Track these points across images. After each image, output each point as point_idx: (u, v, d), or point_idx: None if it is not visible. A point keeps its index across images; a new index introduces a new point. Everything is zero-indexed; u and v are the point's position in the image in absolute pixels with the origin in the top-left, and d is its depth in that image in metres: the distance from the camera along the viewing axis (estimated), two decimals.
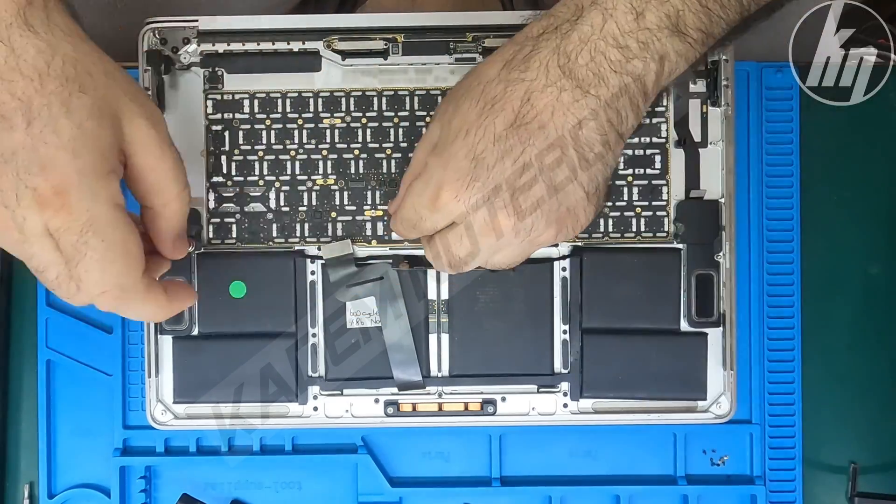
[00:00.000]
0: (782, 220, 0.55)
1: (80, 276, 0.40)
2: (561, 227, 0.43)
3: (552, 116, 0.40)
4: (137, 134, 0.41)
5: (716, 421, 0.53)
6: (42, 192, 0.38)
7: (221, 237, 0.53)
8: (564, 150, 0.41)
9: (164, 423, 0.53)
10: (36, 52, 0.38)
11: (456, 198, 0.42)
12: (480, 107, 0.42)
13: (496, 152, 0.41)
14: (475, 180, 0.41)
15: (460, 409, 0.53)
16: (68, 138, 0.38)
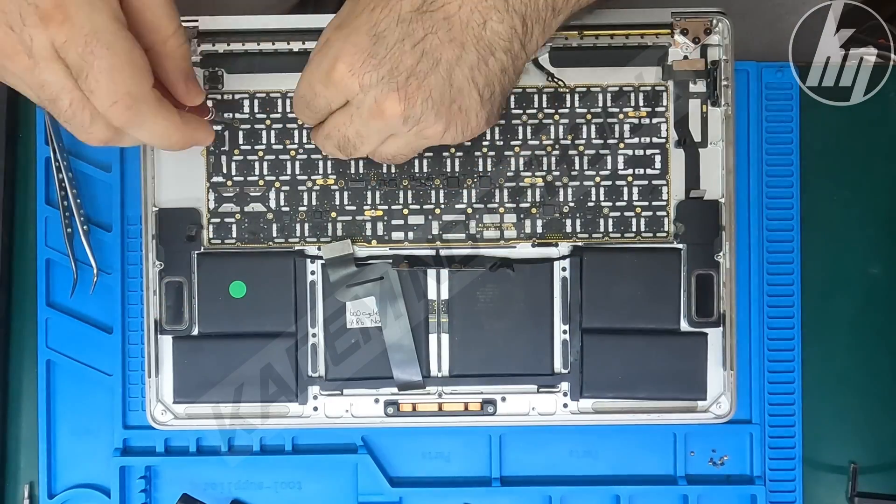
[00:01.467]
0: (782, 220, 0.55)
1: (91, 88, 0.40)
2: (450, 123, 0.43)
3: (459, 10, 0.40)
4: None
5: (716, 421, 0.53)
6: (43, 7, 0.38)
7: (221, 237, 0.53)
8: (465, 47, 0.41)
9: (164, 423, 0.53)
10: None
11: (350, 71, 0.41)
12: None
13: (397, 33, 0.41)
14: (372, 56, 0.41)
15: (460, 409, 0.53)
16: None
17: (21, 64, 0.39)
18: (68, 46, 0.39)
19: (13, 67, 0.40)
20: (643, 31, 0.52)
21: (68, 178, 0.54)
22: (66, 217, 0.54)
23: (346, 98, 0.43)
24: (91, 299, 0.55)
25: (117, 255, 0.55)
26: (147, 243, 0.52)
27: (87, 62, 0.39)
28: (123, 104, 0.40)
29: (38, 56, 0.39)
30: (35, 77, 0.40)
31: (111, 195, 0.55)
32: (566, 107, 0.52)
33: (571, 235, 0.53)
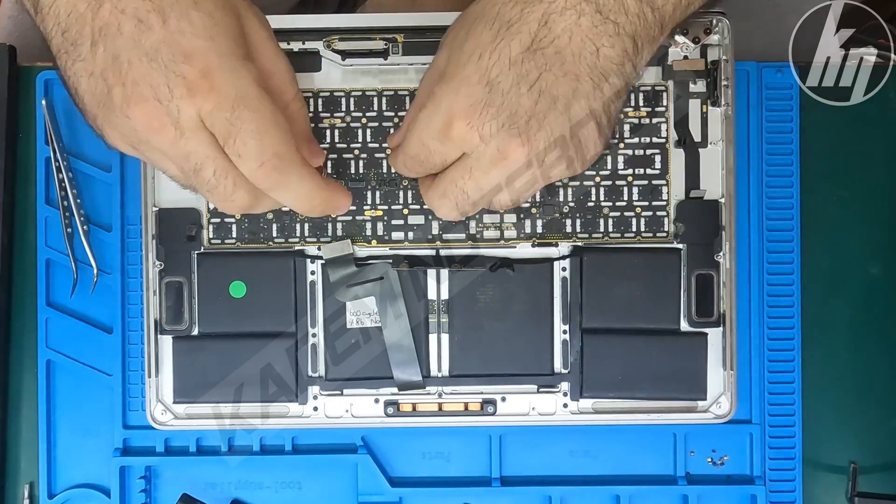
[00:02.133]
0: (782, 220, 0.55)
1: (239, 152, 0.40)
2: (572, 158, 0.42)
3: (570, 42, 0.39)
4: (256, 33, 0.42)
5: (716, 421, 0.53)
6: (190, 79, 0.38)
7: (221, 237, 0.53)
8: (580, 79, 0.40)
9: (164, 423, 0.53)
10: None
11: (469, 125, 0.41)
12: (495, 29, 0.40)
13: (511, 77, 0.40)
14: (489, 106, 0.40)
15: (460, 409, 0.53)
16: (202, 26, 0.39)
17: (168, 136, 0.39)
18: (216, 113, 0.39)
19: (158, 141, 0.40)
20: None
21: (68, 178, 0.54)
22: (66, 217, 0.54)
23: (463, 151, 0.42)
24: (91, 299, 0.55)
25: (117, 255, 0.55)
26: (147, 243, 0.53)
27: (235, 126, 0.39)
28: (271, 165, 0.40)
29: (184, 126, 0.39)
30: (180, 148, 0.40)
31: (111, 195, 0.55)
32: None
33: (571, 235, 0.53)
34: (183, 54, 0.38)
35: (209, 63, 0.39)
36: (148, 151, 0.41)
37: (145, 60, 0.38)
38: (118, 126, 0.40)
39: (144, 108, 0.39)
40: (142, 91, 0.38)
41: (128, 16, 0.38)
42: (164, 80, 0.38)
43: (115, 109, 0.39)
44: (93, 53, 0.39)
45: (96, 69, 0.39)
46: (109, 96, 0.39)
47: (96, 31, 0.39)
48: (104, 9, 0.38)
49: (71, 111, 0.55)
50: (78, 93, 0.40)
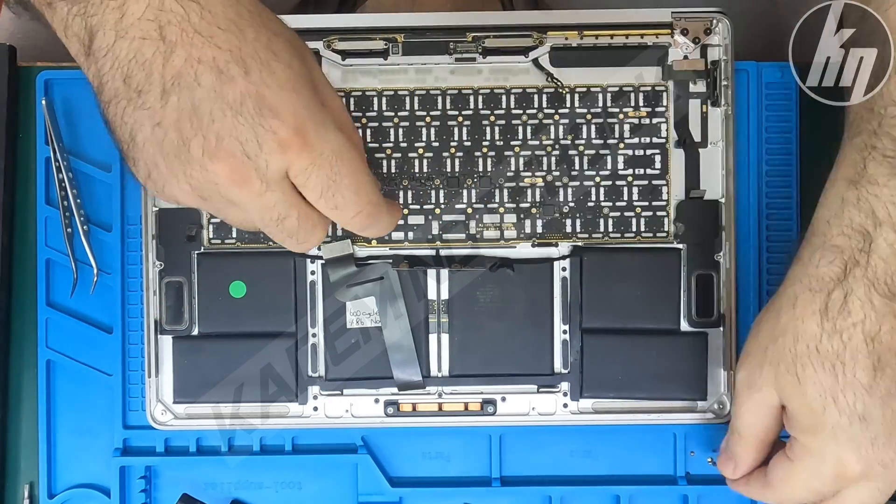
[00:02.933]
0: (782, 220, 0.55)
1: (336, 204, 0.40)
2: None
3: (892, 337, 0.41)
4: (318, 75, 0.41)
5: (716, 421, 0.53)
6: (282, 136, 0.38)
7: (221, 237, 0.53)
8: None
9: (164, 423, 0.53)
10: (223, 4, 0.38)
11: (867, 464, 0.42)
12: (829, 367, 0.42)
13: (877, 403, 0.42)
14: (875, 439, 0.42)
15: (460, 409, 0.53)
16: (285, 78, 0.38)
17: (252, 190, 0.39)
18: (312, 170, 0.39)
19: (241, 194, 0.39)
20: (643, 31, 0.52)
21: (68, 178, 0.54)
22: (66, 217, 0.54)
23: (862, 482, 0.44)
24: (91, 299, 0.55)
25: (117, 255, 0.55)
26: (147, 243, 0.53)
27: (335, 182, 0.39)
28: (366, 213, 0.41)
29: (270, 180, 0.38)
30: (265, 200, 0.39)
31: (111, 195, 0.55)
32: (566, 107, 0.53)
33: (571, 235, 0.53)
34: (270, 108, 0.37)
35: (299, 118, 0.38)
36: (220, 203, 0.40)
37: (230, 114, 0.37)
38: (192, 178, 0.39)
39: (231, 162, 0.38)
40: (227, 146, 0.37)
41: (206, 66, 0.37)
42: (252, 135, 0.37)
43: (192, 162, 0.38)
44: (163, 103, 0.37)
45: (166, 119, 0.37)
46: (185, 148, 0.38)
47: (168, 79, 0.37)
48: (177, 56, 0.37)
49: (71, 111, 0.55)
50: (135, 141, 0.39)
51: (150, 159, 0.39)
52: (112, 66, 0.38)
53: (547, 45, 0.52)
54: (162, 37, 0.37)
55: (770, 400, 0.45)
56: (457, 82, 0.53)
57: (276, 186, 0.39)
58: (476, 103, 0.52)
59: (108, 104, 0.39)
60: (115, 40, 0.37)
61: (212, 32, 0.37)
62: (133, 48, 0.37)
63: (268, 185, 0.39)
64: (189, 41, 0.37)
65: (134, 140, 0.39)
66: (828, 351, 0.42)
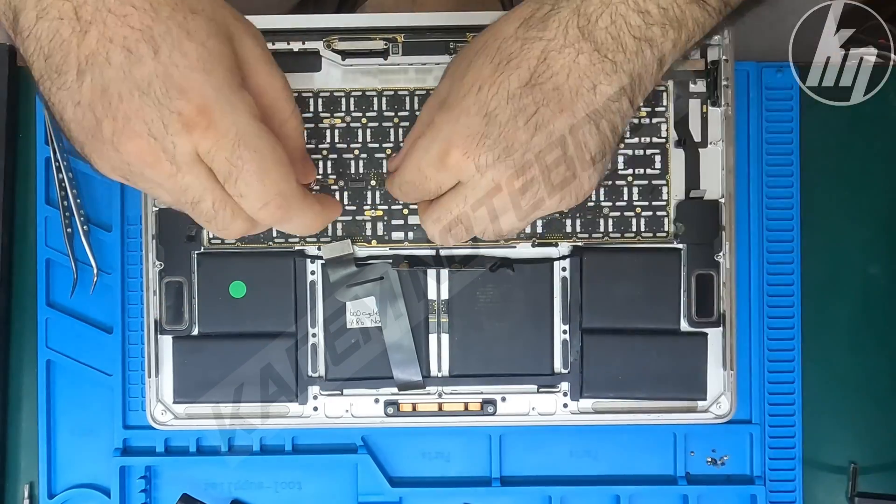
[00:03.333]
0: (782, 220, 0.55)
1: (241, 192, 0.39)
2: (565, 193, 0.42)
3: (567, 78, 0.40)
4: (249, 53, 0.41)
5: (716, 421, 0.53)
6: (187, 115, 0.37)
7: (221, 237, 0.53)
8: (576, 114, 0.40)
9: (164, 423, 0.53)
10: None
11: (465, 154, 0.41)
12: (495, 63, 0.41)
13: (509, 110, 0.40)
14: (486, 137, 0.40)
15: (460, 409, 0.53)
16: (196, 58, 0.38)
17: (163, 171, 0.38)
18: (215, 152, 0.38)
19: (154, 175, 0.39)
20: None
21: (68, 178, 0.54)
22: (66, 217, 0.54)
23: (458, 180, 0.42)
24: (91, 299, 0.55)
25: (117, 255, 0.55)
26: (147, 243, 0.53)
27: (237, 167, 0.38)
28: (275, 204, 0.40)
29: (180, 162, 0.38)
30: (177, 183, 0.39)
31: (111, 195, 0.55)
32: None
33: (571, 235, 0.53)
34: (177, 89, 0.37)
35: (206, 98, 0.37)
36: (141, 182, 0.40)
37: (137, 94, 0.37)
38: (108, 158, 0.39)
39: (138, 143, 0.37)
40: (134, 126, 0.37)
41: (116, 45, 0.37)
42: (157, 115, 0.37)
43: (104, 142, 0.38)
44: (79, 83, 0.37)
45: (83, 99, 0.37)
46: (99, 128, 0.38)
47: (83, 59, 0.37)
48: (90, 36, 0.37)
49: None
50: (63, 119, 0.39)
51: (76, 138, 0.39)
52: (35, 47, 0.38)
53: None
54: (77, 16, 0.37)
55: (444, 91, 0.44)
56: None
57: (187, 169, 0.38)
58: None
59: (39, 83, 0.39)
60: (35, 20, 0.37)
61: (125, 11, 0.37)
62: (52, 28, 0.37)
63: (178, 166, 0.38)
64: (102, 20, 0.37)
65: (63, 119, 0.39)
66: (505, 51, 0.41)
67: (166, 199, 0.41)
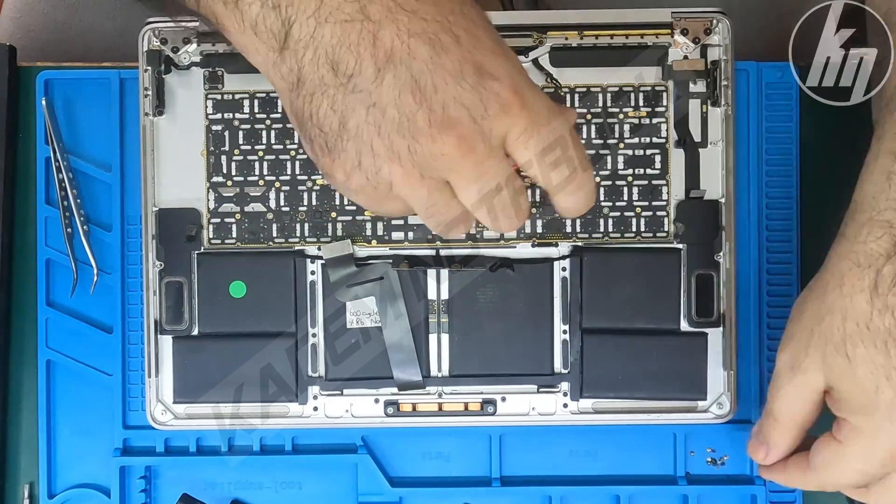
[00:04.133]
0: (782, 220, 0.55)
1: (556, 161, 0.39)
2: None
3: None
4: None
5: (716, 421, 0.53)
6: (504, 97, 0.37)
7: (221, 237, 0.53)
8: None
9: (164, 423, 0.53)
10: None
11: None
12: (881, 346, 0.41)
13: None
14: None
15: (460, 409, 0.53)
16: (491, 41, 0.38)
17: (477, 156, 0.37)
18: (531, 130, 0.38)
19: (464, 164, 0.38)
20: (643, 31, 0.52)
21: (68, 178, 0.54)
22: (66, 217, 0.54)
23: None
24: (91, 299, 0.55)
25: (117, 255, 0.55)
26: (147, 243, 0.53)
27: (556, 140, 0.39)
28: (583, 167, 0.40)
29: (494, 146, 0.38)
30: (485, 168, 0.38)
31: (111, 195, 0.55)
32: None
33: (571, 235, 0.53)
34: (488, 73, 0.37)
35: (515, 80, 0.38)
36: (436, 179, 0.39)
37: (452, 82, 0.37)
38: (416, 153, 0.37)
39: (459, 129, 0.37)
40: (453, 113, 0.37)
41: (418, 39, 0.36)
42: (477, 99, 0.37)
43: (418, 135, 0.37)
44: (378, 83, 0.36)
45: (383, 98, 0.37)
46: (410, 122, 0.37)
47: (380, 58, 0.36)
48: (385, 34, 0.36)
49: (71, 111, 0.55)
50: (346, 127, 0.38)
51: (363, 143, 0.38)
52: (315, 55, 0.37)
53: (547, 45, 0.52)
54: (366, 16, 0.36)
55: (815, 383, 0.44)
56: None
57: (497, 153, 0.38)
58: None
59: (312, 96, 0.38)
60: (315, 27, 0.36)
61: (413, 6, 0.37)
62: (337, 32, 0.36)
63: (491, 149, 0.38)
64: (394, 17, 0.36)
65: (345, 127, 0.38)
66: (879, 328, 0.41)
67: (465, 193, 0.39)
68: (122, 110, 0.55)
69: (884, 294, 0.41)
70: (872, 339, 0.41)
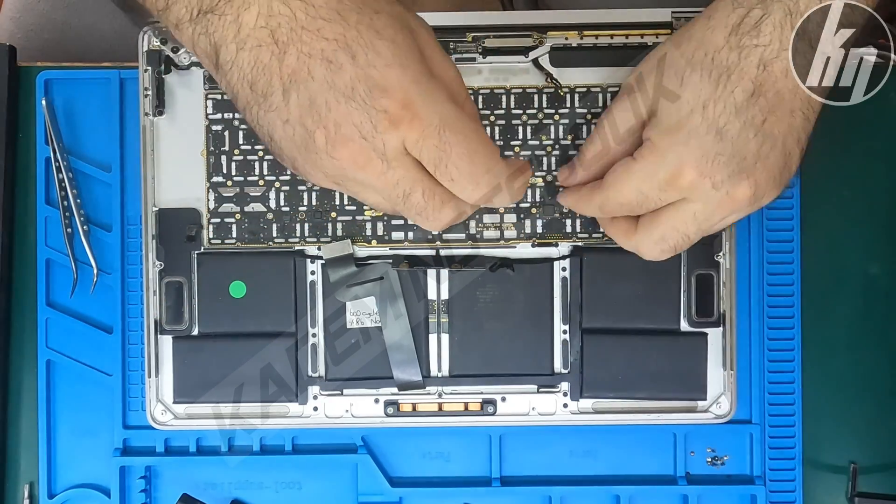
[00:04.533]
0: (782, 220, 0.55)
1: (452, 176, 0.40)
2: (782, 186, 0.43)
3: (786, 80, 0.41)
4: (426, 44, 0.42)
5: (716, 421, 0.53)
6: (392, 111, 0.39)
7: (221, 237, 0.53)
8: (794, 114, 0.42)
9: (164, 423, 0.53)
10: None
11: (701, 174, 0.42)
12: (714, 77, 0.41)
13: (738, 124, 0.41)
14: (720, 154, 0.41)
15: (460, 409, 0.53)
16: (390, 55, 0.39)
17: (375, 170, 0.40)
18: (423, 142, 0.39)
19: (366, 176, 0.40)
20: (643, 31, 0.52)
21: (68, 178, 0.54)
22: (66, 217, 0.54)
23: (685, 197, 0.43)
24: (91, 299, 0.55)
25: (117, 255, 0.55)
26: (147, 243, 0.53)
27: (446, 152, 0.40)
28: (486, 182, 0.41)
29: (390, 158, 0.39)
30: (388, 179, 0.40)
31: (111, 195, 0.55)
32: (566, 107, 0.52)
33: (571, 235, 0.53)
34: (379, 88, 0.38)
35: (407, 92, 0.39)
36: (353, 186, 0.42)
37: (343, 101, 0.38)
38: (322, 167, 0.40)
39: (351, 147, 0.39)
40: (345, 132, 0.39)
41: (316, 59, 0.38)
42: (366, 117, 0.39)
43: (319, 152, 0.40)
44: (286, 101, 0.39)
45: (292, 116, 0.39)
46: (311, 140, 0.39)
47: (285, 78, 0.39)
48: (289, 56, 0.38)
49: (71, 111, 0.55)
50: (274, 140, 0.41)
51: (289, 155, 0.41)
52: (238, 77, 0.40)
53: (547, 45, 0.52)
54: (275, 40, 0.39)
55: (645, 103, 0.44)
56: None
57: (396, 164, 0.40)
58: (476, 103, 0.52)
59: (245, 111, 0.41)
60: (236, 52, 0.39)
61: (317, 26, 0.39)
62: (252, 56, 0.39)
63: (388, 163, 0.40)
64: (298, 38, 0.38)
65: (273, 139, 0.41)
66: (721, 63, 0.41)
67: (375, 200, 0.42)
68: (122, 110, 0.55)
69: (742, 34, 0.41)
70: (710, 69, 0.42)
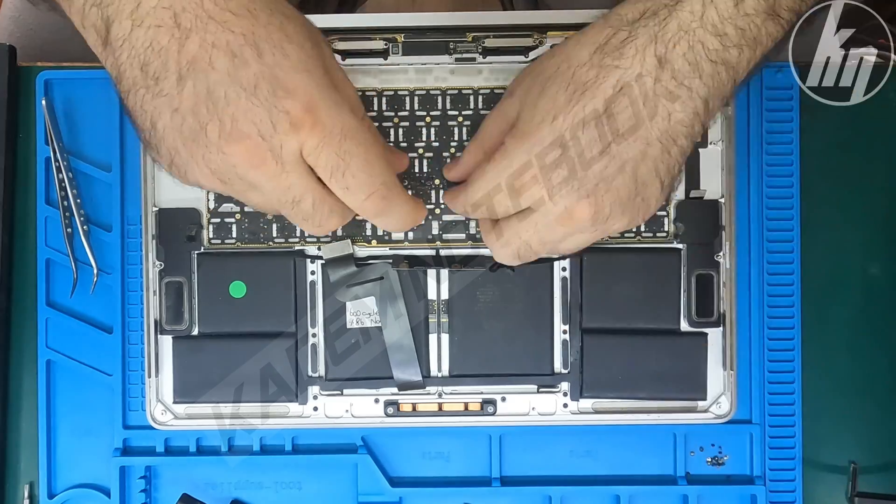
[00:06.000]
0: (782, 220, 0.55)
1: (347, 185, 0.40)
2: (634, 215, 0.43)
3: (643, 107, 0.40)
4: (331, 61, 0.42)
5: (716, 421, 0.53)
6: (294, 114, 0.38)
7: (221, 237, 0.53)
8: (650, 143, 0.41)
9: (164, 423, 0.53)
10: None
11: (539, 184, 0.42)
12: (570, 91, 0.41)
13: (584, 140, 0.41)
14: (559, 168, 0.41)
15: (460, 409, 0.53)
16: (297, 59, 0.39)
17: (268, 171, 0.39)
18: (321, 149, 0.39)
19: (258, 176, 0.39)
20: None
21: (68, 178, 0.54)
22: (66, 217, 0.54)
23: (529, 206, 0.43)
24: (91, 299, 0.55)
25: (117, 255, 0.55)
26: (147, 243, 0.53)
27: (344, 161, 0.39)
28: (379, 195, 0.41)
29: (286, 161, 0.39)
30: (281, 182, 0.40)
31: (111, 195, 0.55)
32: None
33: None
34: (284, 89, 0.38)
35: (311, 97, 0.38)
36: (239, 185, 0.41)
37: (244, 96, 0.38)
38: (211, 162, 0.39)
39: (247, 144, 0.38)
40: (242, 127, 0.38)
41: (220, 50, 0.37)
42: (266, 115, 0.38)
43: (209, 146, 0.39)
44: (179, 88, 0.38)
45: (183, 105, 0.38)
46: (202, 132, 0.38)
47: (183, 65, 0.38)
48: (191, 42, 0.37)
49: (71, 111, 0.55)
50: (156, 128, 0.39)
51: (170, 145, 0.40)
52: (129, 56, 0.38)
53: (547, 45, 0.52)
54: (177, 24, 0.37)
55: (512, 111, 0.45)
56: (457, 82, 0.53)
57: (291, 168, 0.39)
58: (476, 103, 0.52)
59: (128, 94, 0.39)
60: (131, 29, 0.38)
61: (225, 17, 0.38)
62: (149, 36, 0.38)
63: (283, 166, 0.39)
64: (203, 27, 0.37)
65: (154, 127, 0.39)
66: (580, 78, 0.41)
67: (259, 202, 0.42)
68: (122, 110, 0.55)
69: (606, 53, 0.41)
70: (568, 83, 0.41)
